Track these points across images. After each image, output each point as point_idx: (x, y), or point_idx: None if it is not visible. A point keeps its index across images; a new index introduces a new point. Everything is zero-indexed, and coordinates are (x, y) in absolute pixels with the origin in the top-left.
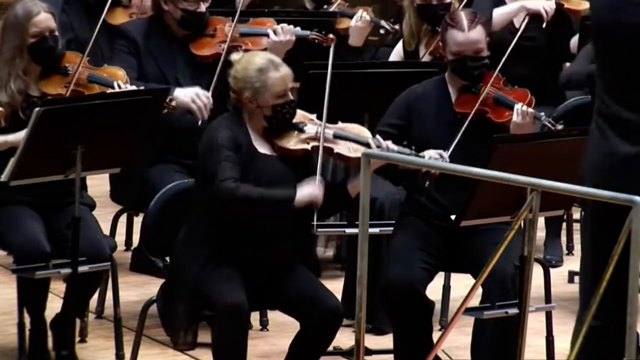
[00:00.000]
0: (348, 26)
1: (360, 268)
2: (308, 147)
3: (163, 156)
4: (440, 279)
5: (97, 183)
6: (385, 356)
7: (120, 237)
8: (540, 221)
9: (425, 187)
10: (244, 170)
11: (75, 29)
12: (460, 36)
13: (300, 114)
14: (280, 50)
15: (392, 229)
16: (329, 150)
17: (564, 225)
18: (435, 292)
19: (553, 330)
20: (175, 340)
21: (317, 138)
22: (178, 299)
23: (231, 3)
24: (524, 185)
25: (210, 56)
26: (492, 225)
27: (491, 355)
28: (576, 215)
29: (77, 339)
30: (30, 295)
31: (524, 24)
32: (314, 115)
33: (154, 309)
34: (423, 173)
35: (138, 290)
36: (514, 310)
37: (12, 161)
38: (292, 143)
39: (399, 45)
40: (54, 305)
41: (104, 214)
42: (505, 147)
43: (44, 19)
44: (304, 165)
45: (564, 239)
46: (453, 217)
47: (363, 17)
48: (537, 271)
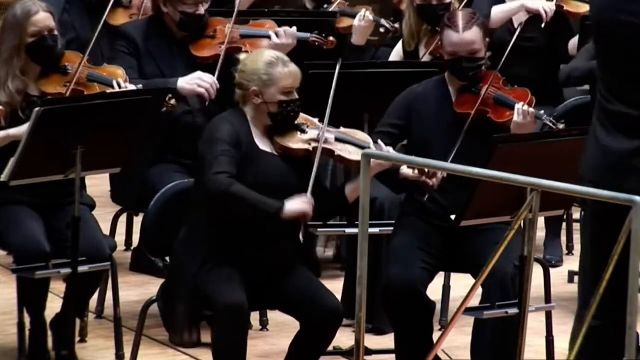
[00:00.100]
0: (348, 25)
1: (360, 268)
2: (309, 148)
3: (163, 156)
4: (440, 279)
5: (97, 183)
6: (385, 356)
7: (120, 237)
8: (540, 221)
9: (425, 198)
10: (243, 168)
11: (77, 29)
12: (455, 37)
13: (303, 117)
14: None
15: (392, 229)
16: (330, 152)
17: (564, 225)
18: (435, 292)
19: (553, 330)
20: (177, 340)
21: (319, 140)
22: (178, 299)
23: (231, 3)
24: (524, 185)
25: (210, 57)
26: (492, 225)
27: (491, 355)
28: (576, 215)
29: (77, 339)
30: (30, 295)
31: (522, 24)
32: (316, 119)
33: (154, 309)
34: (424, 185)
35: (138, 290)
36: (514, 310)
37: (12, 161)
38: (294, 143)
39: (399, 46)
40: (54, 305)
41: (104, 214)
42: (506, 147)
43: (43, 18)
44: (304, 165)
45: (564, 239)
46: (453, 217)
47: (366, 17)
48: (537, 271)
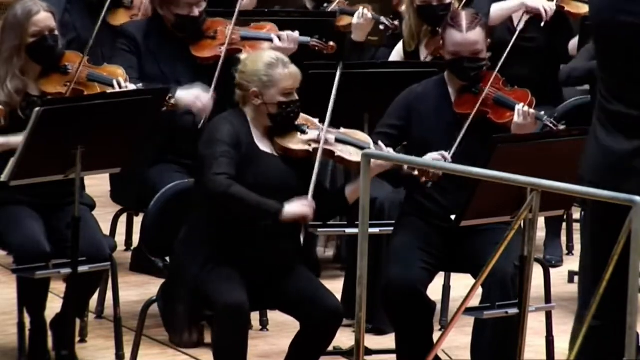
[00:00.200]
0: (348, 23)
1: (360, 268)
2: (309, 149)
3: (163, 156)
4: (440, 279)
5: (97, 183)
6: (385, 356)
7: (120, 237)
8: (540, 221)
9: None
10: (244, 169)
11: (78, 29)
12: (458, 37)
13: (303, 117)
14: None
15: (392, 229)
16: (330, 153)
17: (564, 225)
18: (435, 292)
19: (553, 330)
20: (177, 340)
21: (319, 140)
22: (178, 299)
23: (231, 3)
24: (524, 185)
25: (211, 58)
26: (492, 225)
27: (491, 355)
28: (576, 215)
29: (77, 339)
30: (30, 295)
31: (523, 23)
32: (316, 119)
33: (154, 309)
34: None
35: (138, 290)
36: (514, 310)
37: (12, 161)
38: (294, 143)
39: (399, 46)
40: (54, 305)
41: (104, 214)
42: (505, 147)
43: (44, 18)
44: (304, 166)
45: (564, 239)
46: (453, 217)
47: (365, 15)
48: (537, 271)
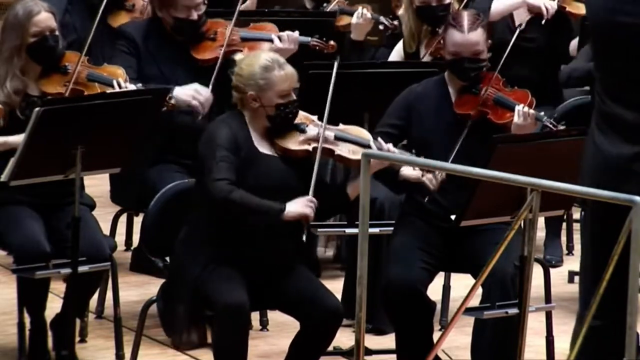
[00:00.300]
0: (347, 23)
1: (360, 268)
2: (309, 149)
3: (163, 156)
4: (440, 279)
5: (97, 183)
6: (385, 356)
7: (120, 237)
8: (540, 221)
9: (426, 199)
10: (244, 171)
11: (78, 30)
12: (459, 37)
13: (301, 115)
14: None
15: (392, 229)
16: (330, 152)
17: (564, 225)
18: (435, 292)
19: (553, 330)
20: (177, 341)
21: (319, 139)
22: (178, 299)
23: (233, 3)
24: (524, 185)
25: (211, 60)
26: (492, 225)
27: (491, 355)
28: (576, 215)
29: (77, 339)
30: (30, 295)
31: (524, 23)
32: (315, 117)
33: (154, 309)
34: (424, 187)
35: (138, 290)
36: (514, 310)
37: (12, 161)
38: (294, 144)
39: (399, 45)
40: (54, 305)
41: (104, 214)
42: (505, 147)
43: (45, 18)
44: (304, 166)
45: (564, 239)
46: (453, 217)
47: (364, 14)
48: (537, 271)
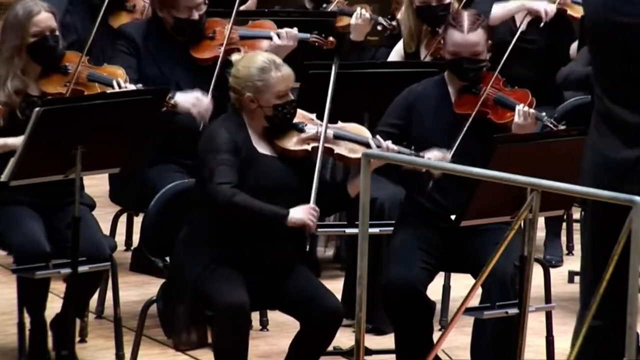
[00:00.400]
0: (347, 24)
1: (360, 268)
2: (308, 148)
3: (163, 156)
4: (440, 279)
5: (97, 183)
6: (385, 356)
7: (120, 237)
8: (540, 221)
9: (429, 186)
10: (244, 172)
11: (79, 31)
12: (459, 37)
13: (300, 114)
14: (281, 54)
15: (392, 229)
16: (329, 151)
17: (564, 225)
18: (435, 292)
19: (553, 330)
20: (177, 341)
21: (318, 138)
22: (178, 299)
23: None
24: (524, 185)
25: (210, 59)
26: (492, 225)
27: (491, 355)
28: (576, 215)
29: (77, 339)
30: (30, 295)
31: (524, 25)
32: (313, 115)
33: (154, 309)
34: (424, 173)
35: (138, 290)
36: (514, 310)
37: (12, 161)
38: (293, 143)
39: (399, 45)
40: (54, 305)
41: (104, 214)
42: (505, 147)
43: (45, 18)
44: (304, 165)
45: (564, 239)
46: (453, 217)
47: (363, 15)
48: (537, 271)
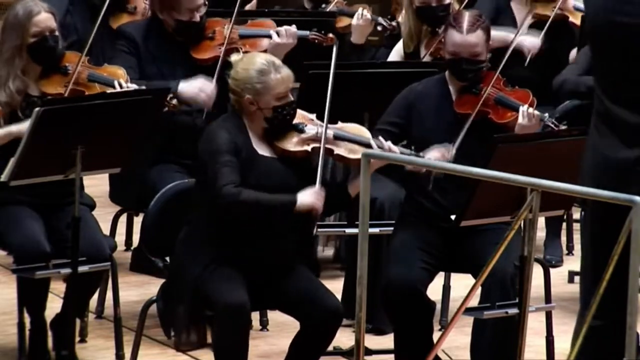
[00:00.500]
0: (347, 24)
1: (360, 268)
2: (308, 149)
3: (163, 156)
4: (440, 279)
5: (97, 183)
6: (385, 356)
7: (120, 237)
8: (540, 221)
9: (430, 183)
10: (244, 173)
11: (79, 31)
12: (458, 38)
13: (299, 114)
14: (281, 52)
15: (392, 229)
16: (329, 152)
17: (564, 225)
18: (435, 292)
19: (553, 330)
20: (177, 341)
21: (318, 139)
22: (178, 299)
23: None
24: (524, 185)
25: (210, 59)
26: (492, 225)
27: (491, 355)
28: (576, 215)
29: (77, 339)
30: (30, 295)
31: (525, 25)
32: (313, 115)
33: (154, 309)
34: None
35: (138, 290)
36: (514, 310)
37: (12, 161)
38: (293, 144)
39: (399, 45)
40: (54, 305)
41: (104, 214)
42: (506, 147)
43: (45, 18)
44: (304, 166)
45: (564, 239)
46: (453, 217)
47: (364, 15)
48: (537, 271)
